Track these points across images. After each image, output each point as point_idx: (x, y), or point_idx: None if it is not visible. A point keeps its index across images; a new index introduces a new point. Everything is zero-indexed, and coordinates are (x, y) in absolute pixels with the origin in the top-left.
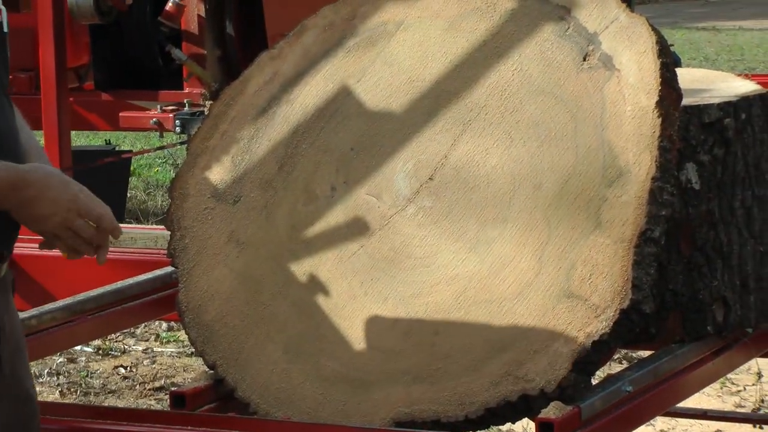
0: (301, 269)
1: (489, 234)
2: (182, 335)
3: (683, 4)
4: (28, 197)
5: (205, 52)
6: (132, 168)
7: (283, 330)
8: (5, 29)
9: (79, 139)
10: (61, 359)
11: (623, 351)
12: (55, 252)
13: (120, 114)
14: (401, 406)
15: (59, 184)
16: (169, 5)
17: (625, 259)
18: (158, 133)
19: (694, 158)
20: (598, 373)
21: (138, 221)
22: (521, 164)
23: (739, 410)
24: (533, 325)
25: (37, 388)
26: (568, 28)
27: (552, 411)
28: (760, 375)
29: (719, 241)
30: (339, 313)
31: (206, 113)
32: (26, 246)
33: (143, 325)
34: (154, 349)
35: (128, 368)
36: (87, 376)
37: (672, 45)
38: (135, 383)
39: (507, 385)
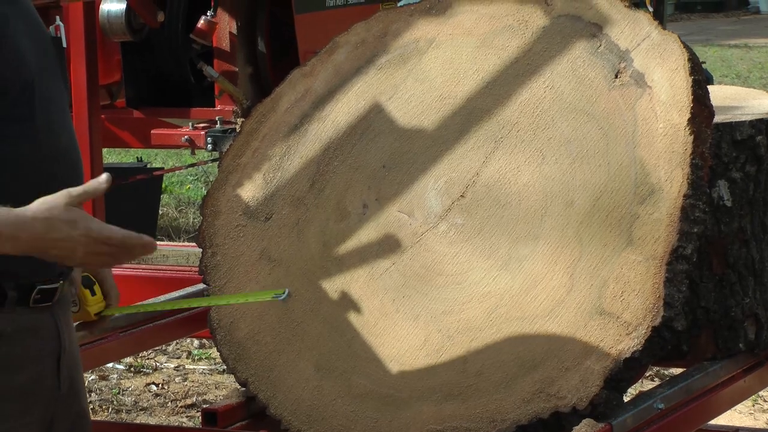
0: (332, 286)
1: (521, 251)
2: (214, 352)
3: (715, 22)
4: (39, 246)
5: (237, 69)
6: (164, 185)
7: (315, 347)
8: (64, 44)
9: (111, 157)
10: (93, 376)
11: (655, 368)
12: None
13: (152, 131)
14: (432, 423)
15: (63, 225)
16: (201, 22)
17: (657, 277)
18: (190, 150)
19: (726, 175)
20: (630, 390)
21: (170, 238)
22: (553, 181)
23: None
24: (565, 342)
25: None
26: (600, 45)
27: (584, 428)
28: None
29: (751, 258)
30: (370, 331)
31: (238, 130)
32: None
33: (175, 342)
34: (186, 367)
35: (160, 385)
36: (119, 393)
37: (704, 62)
38: (167, 400)
39: (539, 402)
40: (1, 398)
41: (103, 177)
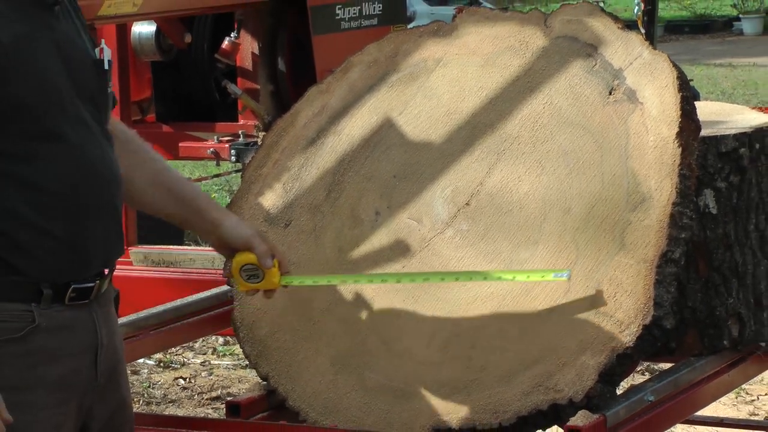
0: (347, 288)
1: (521, 255)
2: (237, 349)
3: (702, 42)
4: None
5: (259, 86)
6: None
7: (331, 344)
8: (106, 66)
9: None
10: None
11: (646, 363)
12: (121, 273)
13: (179, 144)
14: (439, 414)
15: None
16: (225, 43)
17: (648, 279)
18: (215, 162)
19: (711, 185)
20: (622, 383)
21: (197, 244)
22: (551, 190)
23: (752, 418)
24: (562, 339)
25: None
26: (595, 64)
27: (580, 419)
28: None
29: (735, 261)
30: (382, 329)
31: (259, 143)
32: None
33: (201, 339)
34: (212, 362)
35: (187, 379)
36: (149, 387)
37: (691, 80)
38: (194, 393)
39: (538, 395)
40: (39, 388)
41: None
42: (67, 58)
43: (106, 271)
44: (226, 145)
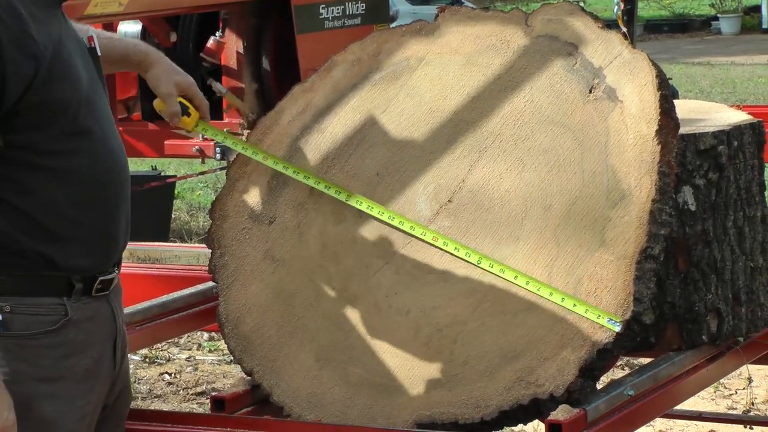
0: (331, 284)
1: (503, 251)
2: (222, 345)
3: (681, 41)
4: None
5: (243, 85)
6: (176, 191)
7: (315, 340)
8: (99, 52)
9: (128, 166)
10: None
11: (625, 358)
12: None
13: (165, 142)
14: (422, 409)
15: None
16: (210, 42)
17: (627, 274)
18: (200, 160)
19: (690, 182)
20: (602, 378)
21: (182, 240)
22: (532, 188)
23: (731, 412)
24: (543, 334)
25: None
26: (576, 63)
27: (560, 413)
28: (750, 380)
29: (713, 257)
30: (365, 324)
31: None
32: None
33: (186, 335)
34: (197, 357)
35: (172, 375)
36: (135, 382)
37: (670, 78)
38: (179, 389)
39: (519, 389)
40: (69, 379)
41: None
42: (81, 53)
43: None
44: (211, 143)
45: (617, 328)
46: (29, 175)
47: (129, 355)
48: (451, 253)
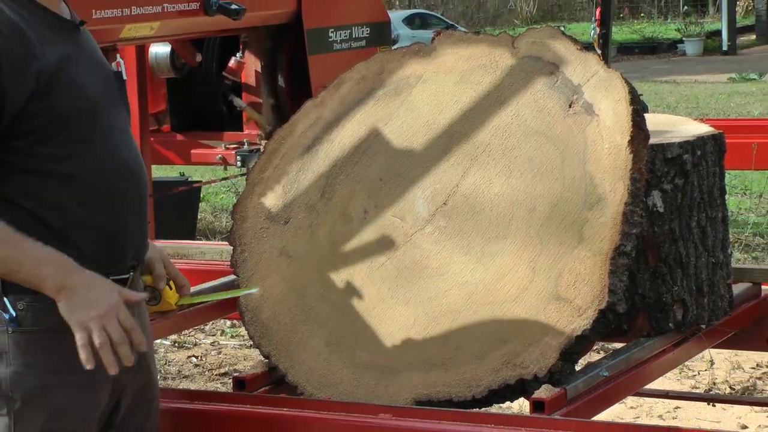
0: (339, 277)
1: (492, 248)
2: (243, 331)
3: (650, 62)
4: (79, 291)
5: (261, 100)
6: (201, 195)
7: (325, 327)
8: (124, 77)
9: (159, 172)
10: None
11: (601, 343)
12: None
13: (191, 151)
14: (421, 388)
15: (107, 291)
16: (231, 62)
17: (603, 269)
18: (223, 167)
19: (659, 187)
20: (580, 361)
21: (207, 238)
22: (518, 192)
23: (694, 391)
24: (528, 322)
25: None
26: (557, 80)
27: (543, 392)
28: (711, 363)
29: (679, 254)
30: (370, 313)
31: (262, 150)
32: None
33: (211, 322)
34: (220, 342)
35: (199, 357)
36: (165, 364)
37: (641, 95)
38: (204, 370)
39: (507, 371)
40: (82, 372)
41: (143, 295)
42: (96, 72)
43: (136, 264)
44: (233, 152)
45: (255, 291)
46: (37, 179)
47: (160, 340)
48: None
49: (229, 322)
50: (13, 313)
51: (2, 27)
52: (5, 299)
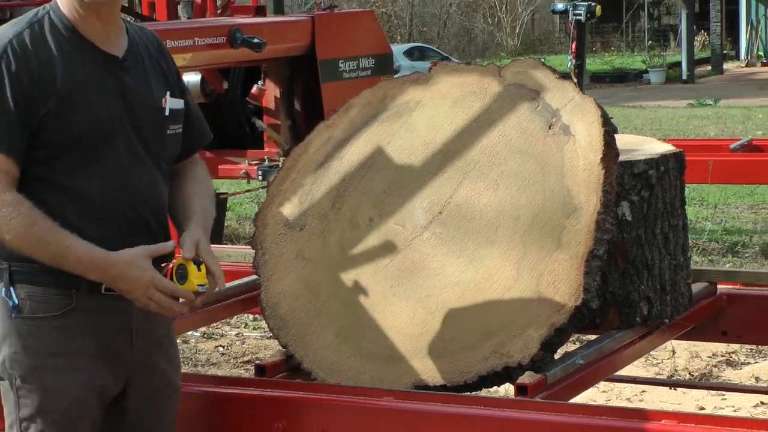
0: (348, 277)
1: (481, 252)
2: (263, 324)
3: (619, 90)
4: (116, 278)
5: (280, 122)
6: (228, 205)
7: (335, 321)
8: (167, 113)
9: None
10: (178, 341)
11: (577, 335)
12: None
13: (219, 166)
14: (419, 374)
15: (138, 269)
16: (254, 89)
17: (579, 270)
18: (246, 180)
19: (627, 198)
20: (559, 350)
21: (232, 242)
22: (504, 203)
23: (658, 377)
24: (513, 317)
25: None
26: (538, 105)
27: (526, 378)
28: (673, 352)
29: (645, 257)
30: (375, 309)
31: (280, 166)
32: None
33: (236, 316)
34: (244, 334)
35: (225, 347)
36: (196, 353)
37: (611, 118)
38: (230, 358)
39: (494, 359)
40: (76, 356)
41: (170, 243)
42: (129, 102)
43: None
44: (255, 167)
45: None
46: (47, 188)
47: (191, 332)
48: None
49: (251, 316)
50: (16, 301)
51: (39, 51)
52: (11, 288)
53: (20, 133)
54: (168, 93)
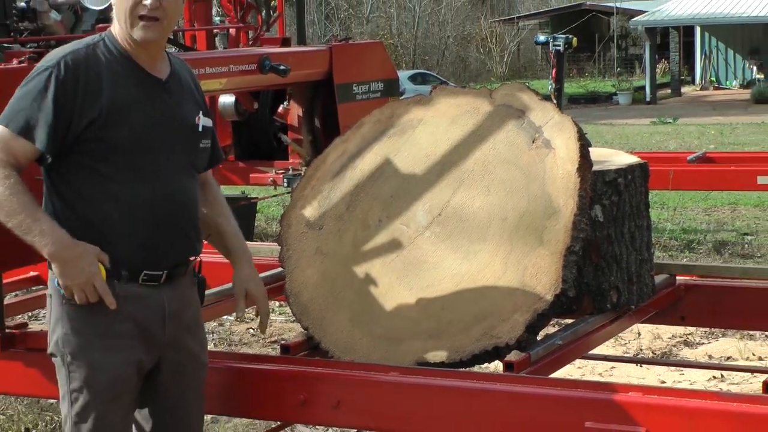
0: (360, 270)
1: (475, 248)
2: (288, 310)
3: (592, 109)
4: (59, 256)
5: (302, 137)
6: (258, 208)
7: (349, 307)
8: (200, 129)
9: (226, 191)
10: (214, 324)
11: (556, 319)
12: (212, 260)
13: (250, 175)
14: (420, 354)
15: (88, 263)
16: (280, 109)
17: (558, 264)
18: (273, 187)
19: (599, 202)
20: (541, 332)
21: (261, 240)
22: (494, 206)
23: (625, 355)
24: (502, 304)
25: None
26: (524, 122)
27: (513, 356)
28: (639, 334)
29: (614, 253)
30: (383, 297)
31: (302, 175)
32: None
33: None
34: (271, 318)
35: (255, 330)
36: (230, 334)
37: (586, 133)
38: (259, 339)
39: (485, 340)
40: (118, 337)
41: (110, 300)
42: (165, 119)
43: (176, 266)
44: (281, 176)
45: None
46: (92, 191)
47: (226, 316)
48: None
49: (277, 303)
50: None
51: (90, 68)
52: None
53: (53, 130)
54: (201, 112)
